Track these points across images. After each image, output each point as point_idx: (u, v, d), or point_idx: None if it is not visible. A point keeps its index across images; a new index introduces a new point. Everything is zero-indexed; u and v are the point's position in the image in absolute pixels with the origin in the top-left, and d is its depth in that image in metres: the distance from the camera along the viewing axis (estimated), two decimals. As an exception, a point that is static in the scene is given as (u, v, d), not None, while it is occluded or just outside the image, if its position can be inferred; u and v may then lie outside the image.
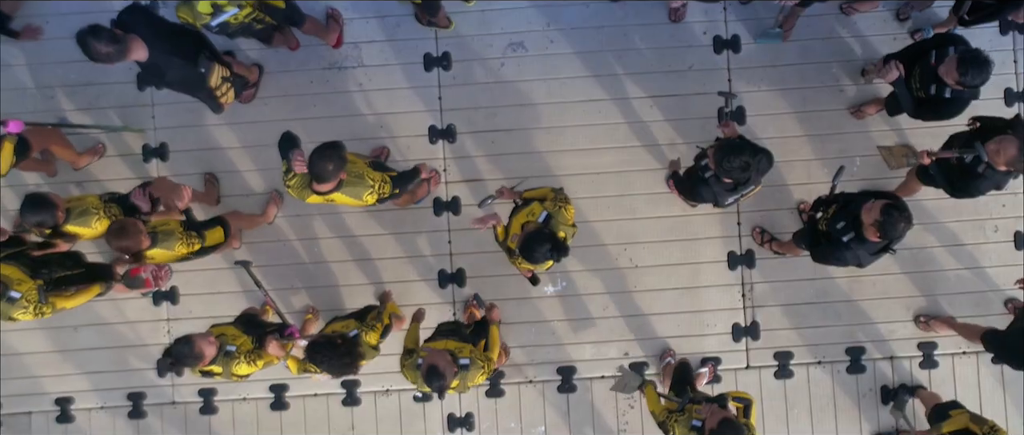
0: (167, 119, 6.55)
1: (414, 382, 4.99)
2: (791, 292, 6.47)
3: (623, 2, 6.45)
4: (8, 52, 6.47)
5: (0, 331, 6.40)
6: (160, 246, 5.20)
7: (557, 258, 4.77)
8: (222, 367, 5.05)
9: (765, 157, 4.91)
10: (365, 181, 4.99)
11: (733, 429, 4.52)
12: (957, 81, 4.82)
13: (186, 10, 5.01)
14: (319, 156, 4.68)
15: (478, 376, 4.92)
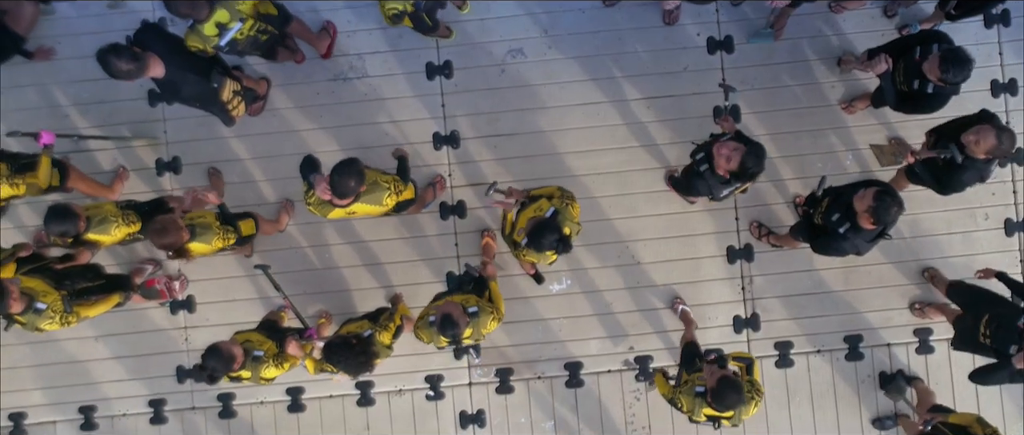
0: (179, 133, 6.75)
1: (430, 340, 5.24)
2: (789, 283, 6.66)
3: (618, 7, 6.64)
4: (23, 73, 6.66)
5: (25, 344, 6.62)
6: (198, 239, 5.39)
7: (561, 250, 5.01)
8: (251, 371, 5.27)
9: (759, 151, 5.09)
10: (380, 186, 5.20)
11: (731, 386, 4.73)
12: (939, 78, 5.02)
13: (195, 37, 5.20)
14: (340, 175, 4.87)
15: (490, 323, 5.20)
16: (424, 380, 6.69)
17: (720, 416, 4.96)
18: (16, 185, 5.38)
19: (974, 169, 5.12)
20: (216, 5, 5.09)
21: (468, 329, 5.09)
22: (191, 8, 5.02)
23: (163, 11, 6.65)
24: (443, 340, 5.12)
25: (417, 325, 5.31)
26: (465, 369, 6.69)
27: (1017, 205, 6.66)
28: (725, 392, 4.73)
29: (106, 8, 6.81)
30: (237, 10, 5.16)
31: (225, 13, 5.12)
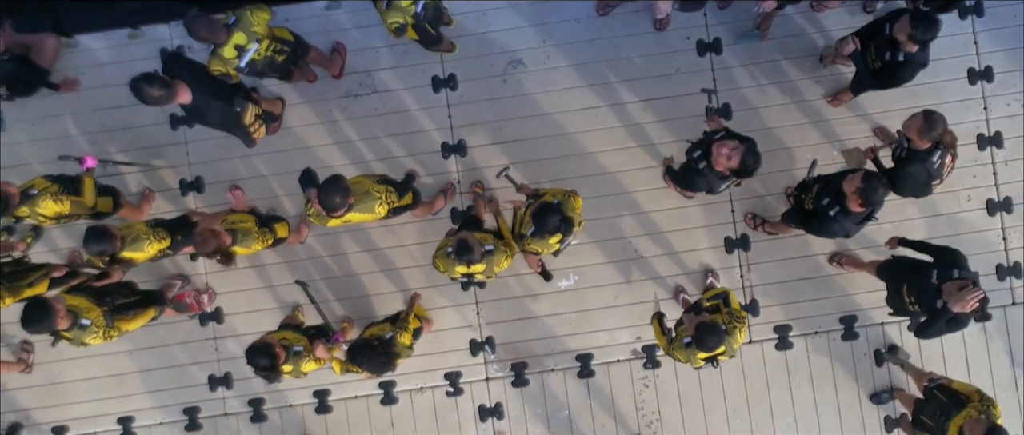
0: (200, 155, 7.11)
1: (445, 270, 5.61)
2: (785, 270, 7.01)
3: (611, 16, 7.00)
4: (51, 104, 7.02)
5: (63, 360, 6.98)
6: (241, 243, 5.76)
7: (565, 231, 5.42)
8: (292, 366, 5.64)
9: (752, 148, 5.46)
10: (372, 195, 5.55)
11: (709, 330, 5.16)
12: (908, 35, 5.36)
13: (218, 62, 5.57)
14: (325, 192, 5.24)
15: (503, 260, 5.57)
16: (443, 377, 7.04)
17: (714, 355, 5.34)
18: (61, 202, 5.74)
19: (918, 160, 5.48)
20: (233, 29, 5.45)
21: (482, 264, 5.48)
22: (211, 32, 5.39)
23: (181, 39, 7.06)
24: (458, 269, 5.49)
25: (435, 255, 5.67)
26: (482, 365, 7.05)
27: (997, 185, 7.00)
28: (705, 337, 5.15)
29: (126, 38, 7.17)
30: (253, 32, 5.53)
31: (242, 36, 5.49)
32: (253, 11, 5.55)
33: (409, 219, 6.92)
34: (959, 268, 5.34)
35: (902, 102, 6.76)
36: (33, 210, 5.67)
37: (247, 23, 5.51)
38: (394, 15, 5.66)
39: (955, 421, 5.38)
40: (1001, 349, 7.01)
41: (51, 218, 5.79)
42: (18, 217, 5.72)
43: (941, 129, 5.30)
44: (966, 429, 5.26)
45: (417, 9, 5.73)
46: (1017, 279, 6.99)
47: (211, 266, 7.05)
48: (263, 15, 5.60)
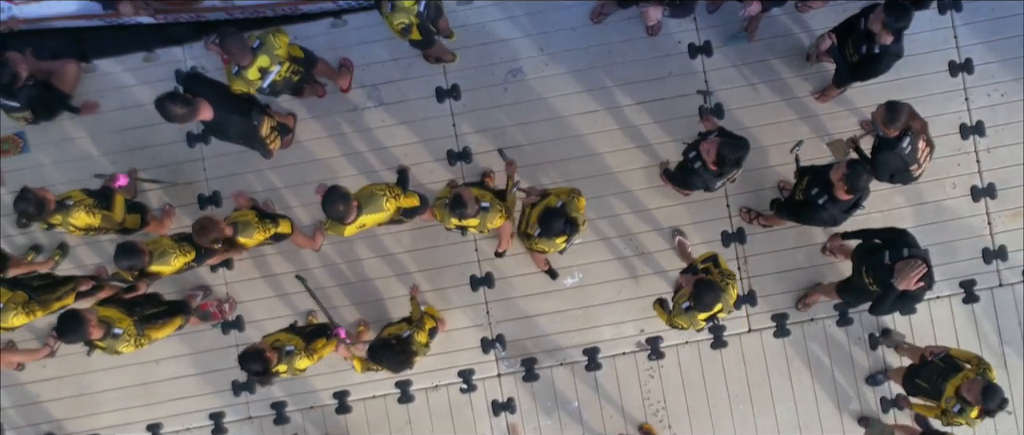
0: (217, 170, 7.43)
1: (442, 219, 5.93)
2: (781, 260, 7.31)
3: (605, 23, 7.31)
4: (73, 126, 7.35)
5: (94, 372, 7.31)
6: (242, 235, 6.07)
7: (570, 232, 5.72)
8: (286, 365, 5.90)
9: (743, 144, 5.78)
10: (376, 196, 5.83)
11: (706, 286, 5.47)
12: (883, 24, 5.69)
13: (241, 82, 5.89)
14: (329, 204, 5.51)
15: (497, 218, 5.88)
16: (457, 375, 7.35)
17: (713, 313, 5.64)
18: (93, 215, 6.06)
19: (888, 147, 5.81)
20: (258, 52, 5.77)
21: (475, 219, 5.79)
22: (240, 51, 5.70)
23: (194, 60, 7.40)
24: (452, 221, 5.80)
25: (434, 205, 6.01)
26: (493, 362, 7.36)
27: (980, 173, 7.30)
28: (702, 294, 5.45)
29: (142, 61, 7.49)
30: (275, 54, 5.85)
31: (266, 58, 5.82)
32: (275, 34, 5.88)
33: (419, 225, 7.23)
34: (909, 247, 5.64)
35: (888, 96, 6.87)
36: (65, 219, 5.97)
37: (270, 46, 5.83)
38: (399, 16, 5.95)
39: (952, 382, 5.69)
40: (990, 329, 7.30)
41: (80, 229, 6.08)
42: (50, 224, 6.00)
43: (904, 117, 5.61)
44: (963, 388, 5.56)
45: (420, 8, 6.02)
46: (1003, 261, 7.28)
47: (231, 276, 7.39)
48: (283, 38, 5.92)
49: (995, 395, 5.44)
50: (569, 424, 7.35)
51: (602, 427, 7.32)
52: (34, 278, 6.42)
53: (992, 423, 7.08)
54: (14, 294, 5.95)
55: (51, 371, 7.38)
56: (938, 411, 5.83)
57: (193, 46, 7.45)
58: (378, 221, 5.96)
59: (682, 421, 7.33)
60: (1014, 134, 7.28)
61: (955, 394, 5.66)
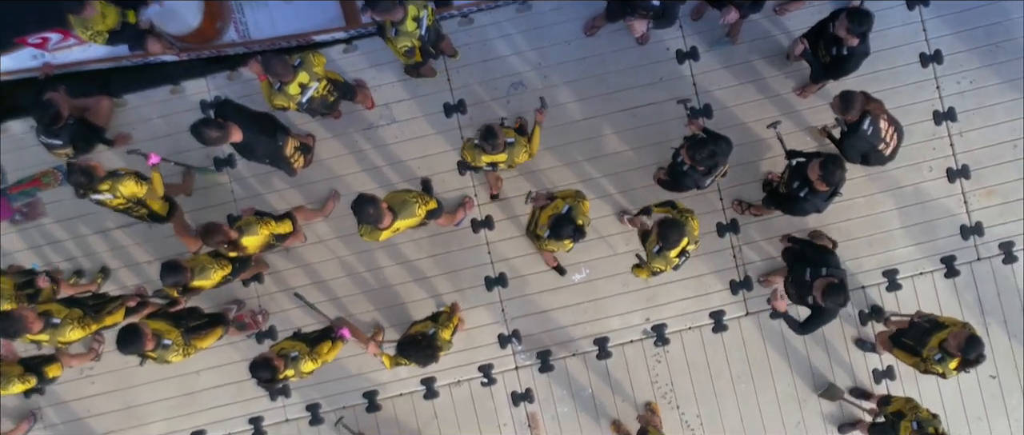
0: (243, 191, 7.97)
1: (472, 159, 6.51)
2: (773, 247, 7.81)
3: (598, 35, 7.85)
4: (108, 158, 7.87)
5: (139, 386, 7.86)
6: (246, 236, 6.57)
7: (576, 238, 6.26)
8: (293, 370, 6.41)
9: (725, 142, 6.34)
10: (409, 203, 6.36)
11: (670, 224, 6.06)
12: (847, 29, 6.26)
13: (282, 98, 6.43)
14: (360, 211, 6.03)
15: (522, 154, 6.47)
16: (478, 370, 7.89)
17: (683, 248, 6.21)
18: (141, 184, 6.62)
19: (853, 132, 6.38)
20: (299, 69, 6.33)
21: (503, 154, 6.39)
22: (284, 70, 6.26)
23: (218, 90, 7.96)
24: (483, 158, 6.38)
25: (464, 147, 6.57)
26: (510, 356, 7.89)
27: (954, 155, 7.82)
28: (668, 233, 6.03)
29: (169, 94, 8.04)
30: (314, 71, 6.41)
31: (306, 75, 6.39)
32: (314, 55, 6.46)
33: (434, 231, 7.79)
34: (828, 267, 6.23)
35: (865, 86, 7.40)
36: (114, 186, 6.48)
37: (309, 64, 6.40)
38: (403, 40, 6.50)
39: (937, 336, 6.23)
40: (971, 301, 7.83)
41: (125, 199, 6.56)
42: (98, 192, 6.48)
43: (858, 104, 6.19)
44: (949, 339, 6.10)
45: (421, 32, 6.58)
46: (980, 237, 7.80)
47: (262, 290, 7.93)
48: (321, 59, 6.50)
49: (976, 346, 5.97)
50: (584, 410, 7.88)
51: (615, 411, 7.86)
52: (87, 297, 6.96)
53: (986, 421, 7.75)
54: (70, 311, 6.49)
55: (99, 387, 7.93)
56: (918, 360, 6.34)
57: (215, 76, 8.00)
58: (410, 225, 6.47)
59: (689, 401, 7.86)
60: (983, 118, 7.81)
61: (939, 346, 6.18)
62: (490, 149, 6.29)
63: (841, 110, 6.22)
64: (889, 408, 6.70)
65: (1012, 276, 7.81)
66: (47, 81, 7.86)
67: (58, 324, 6.34)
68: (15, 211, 7.97)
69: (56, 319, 6.35)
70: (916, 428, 6.28)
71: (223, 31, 8.08)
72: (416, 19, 6.45)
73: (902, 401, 6.71)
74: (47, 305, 6.54)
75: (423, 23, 6.54)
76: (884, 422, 6.69)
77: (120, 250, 7.98)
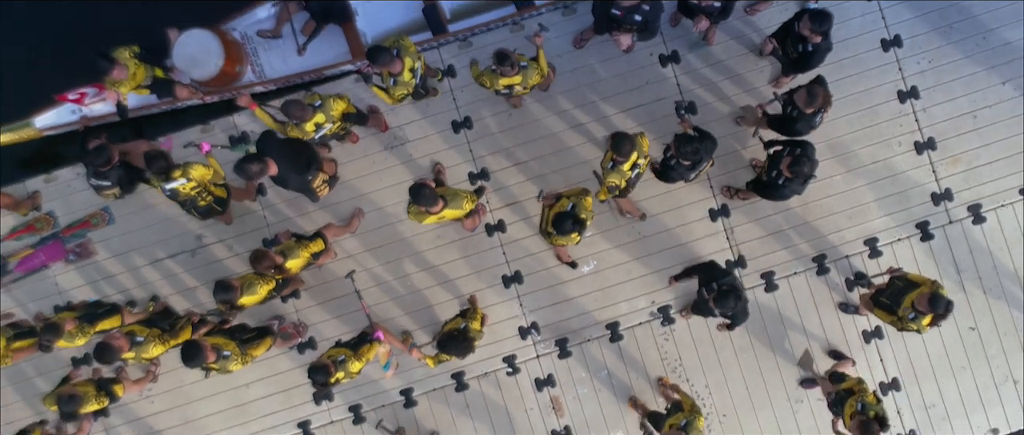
0: (276, 216, 8.72)
1: (491, 84, 7.24)
2: (762, 227, 8.57)
3: (586, 48, 8.59)
4: (150, 196, 8.63)
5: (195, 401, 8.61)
6: (290, 258, 7.32)
7: (580, 231, 7.00)
8: (343, 372, 7.14)
9: (709, 140, 7.09)
10: (460, 196, 7.08)
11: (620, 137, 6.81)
12: (811, 29, 6.99)
13: (298, 131, 7.17)
14: (417, 193, 6.77)
15: (535, 75, 7.16)
16: (502, 361, 8.64)
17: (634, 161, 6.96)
18: (207, 168, 7.33)
19: (804, 120, 7.10)
20: (317, 111, 7.07)
21: (518, 76, 7.08)
22: (301, 114, 7.00)
23: (244, 125, 8.70)
24: (501, 82, 7.05)
25: (482, 75, 7.26)
26: (531, 346, 8.63)
27: (920, 129, 8.56)
28: (620, 144, 6.77)
29: (200, 133, 8.79)
30: (330, 115, 7.15)
31: (322, 116, 7.13)
32: (335, 100, 7.20)
33: (453, 238, 8.54)
34: (717, 280, 6.99)
35: (833, 75, 8.29)
36: (186, 170, 7.21)
37: (328, 108, 7.14)
38: (400, 89, 7.27)
39: (910, 296, 6.94)
40: (946, 261, 8.56)
41: (195, 184, 7.26)
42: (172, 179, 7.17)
43: (820, 100, 6.90)
44: (916, 300, 6.82)
45: (416, 80, 7.36)
46: (950, 202, 8.53)
47: (300, 305, 8.66)
48: (340, 105, 7.23)
49: (940, 302, 6.69)
50: (602, 389, 8.62)
51: (631, 388, 8.60)
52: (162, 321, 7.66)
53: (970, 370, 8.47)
54: (151, 330, 7.25)
55: (159, 405, 8.68)
56: (895, 319, 7.07)
57: (243, 113, 8.75)
58: (455, 216, 7.22)
59: (697, 373, 8.60)
60: (944, 93, 8.54)
61: (911, 305, 6.90)
62: (509, 70, 6.98)
63: (806, 103, 6.91)
64: (841, 385, 7.43)
65: (982, 235, 8.54)
66: (88, 131, 8.60)
67: (142, 342, 7.11)
68: (69, 252, 8.71)
69: (140, 338, 7.11)
70: (859, 409, 6.99)
71: (242, 73, 8.82)
72: (412, 70, 7.21)
73: (854, 381, 7.42)
74: (131, 326, 7.33)
75: (417, 73, 7.32)
76: (835, 397, 7.44)
77: (169, 278, 8.73)
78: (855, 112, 8.52)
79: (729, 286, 6.85)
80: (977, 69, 8.54)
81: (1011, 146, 8.50)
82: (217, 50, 8.41)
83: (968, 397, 8.58)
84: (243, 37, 8.79)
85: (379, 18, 8.68)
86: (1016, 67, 8.49)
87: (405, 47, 7.12)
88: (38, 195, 8.75)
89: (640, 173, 7.14)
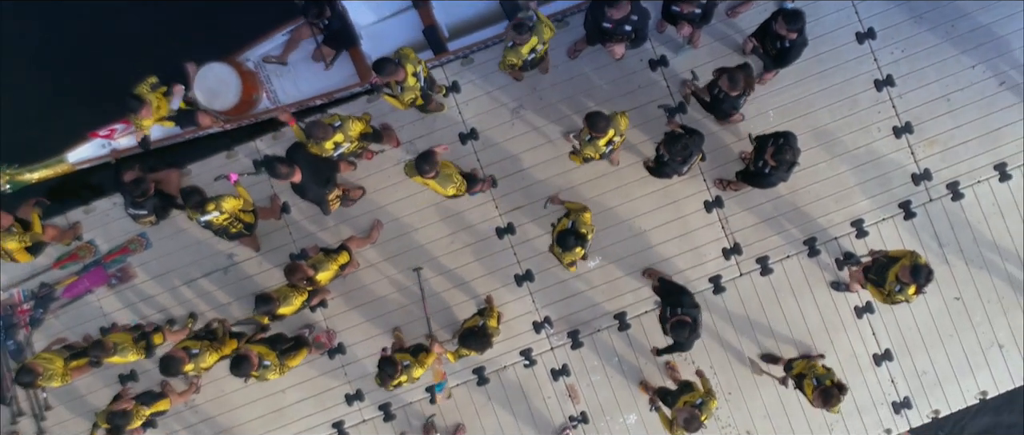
0: (299, 232, 9.34)
1: (518, 60, 7.82)
2: (755, 214, 9.15)
3: (579, 59, 9.18)
4: (182, 220, 9.23)
5: (236, 408, 9.23)
6: (320, 271, 7.95)
7: (583, 245, 7.65)
8: (406, 376, 7.78)
9: (698, 136, 7.68)
10: (452, 179, 7.76)
11: (596, 115, 7.44)
12: (786, 28, 7.60)
13: (318, 149, 7.79)
14: (422, 160, 7.48)
15: (547, 31, 7.78)
16: (519, 354, 9.24)
17: (609, 138, 7.58)
18: (238, 198, 7.96)
19: (729, 102, 7.76)
20: (337, 131, 7.69)
21: (534, 37, 7.69)
22: (323, 135, 7.62)
23: (268, 149, 9.31)
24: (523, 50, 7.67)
25: (504, 57, 7.86)
26: (545, 339, 9.24)
27: (898, 115, 9.13)
28: (595, 121, 7.43)
29: (225, 158, 9.41)
30: (349, 135, 7.78)
31: (341, 136, 7.75)
32: (354, 121, 7.83)
33: (466, 243, 9.17)
34: (681, 307, 7.57)
35: (812, 69, 8.99)
36: (218, 203, 7.84)
37: (347, 129, 7.76)
38: (408, 94, 7.88)
39: (893, 270, 7.51)
40: (929, 237, 9.13)
41: (227, 212, 7.90)
42: (206, 212, 7.82)
43: (741, 84, 7.50)
44: (900, 271, 7.39)
45: (421, 83, 7.97)
46: (929, 181, 9.10)
47: (327, 313, 9.28)
48: (359, 126, 7.86)
49: (920, 272, 7.26)
50: (614, 375, 9.23)
51: (640, 372, 9.20)
52: (204, 332, 8.30)
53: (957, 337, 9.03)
54: (202, 342, 7.89)
55: (203, 413, 9.31)
56: (884, 293, 7.64)
57: (263, 138, 9.37)
58: (436, 190, 7.89)
59: (702, 355, 9.18)
60: (917, 79, 9.11)
61: (895, 278, 7.48)
62: (527, 34, 7.62)
63: (730, 87, 7.55)
64: (793, 371, 8.03)
65: (961, 210, 9.11)
66: (120, 163, 9.25)
67: (197, 354, 7.73)
68: (111, 276, 9.34)
69: (195, 350, 7.74)
70: (816, 384, 7.61)
71: (259, 101, 9.44)
72: (415, 74, 7.83)
73: (802, 364, 8.05)
74: (185, 342, 7.98)
75: (420, 76, 7.93)
76: (795, 384, 8.04)
77: (204, 296, 9.36)
78: (836, 102, 9.09)
79: (687, 319, 7.46)
80: (948, 55, 9.09)
81: (983, 125, 9.06)
82: (235, 81, 9.04)
83: (957, 363, 9.16)
84: (256, 66, 9.41)
85: (382, 41, 9.26)
86: (984, 51, 9.05)
87: (405, 55, 7.75)
88: (79, 225, 9.38)
89: (614, 149, 7.87)
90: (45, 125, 9.93)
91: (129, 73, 8.56)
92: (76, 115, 9.59)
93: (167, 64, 8.96)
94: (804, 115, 9.07)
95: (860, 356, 9.15)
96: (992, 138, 9.07)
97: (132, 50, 9.75)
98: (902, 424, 9.23)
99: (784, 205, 9.14)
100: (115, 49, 9.88)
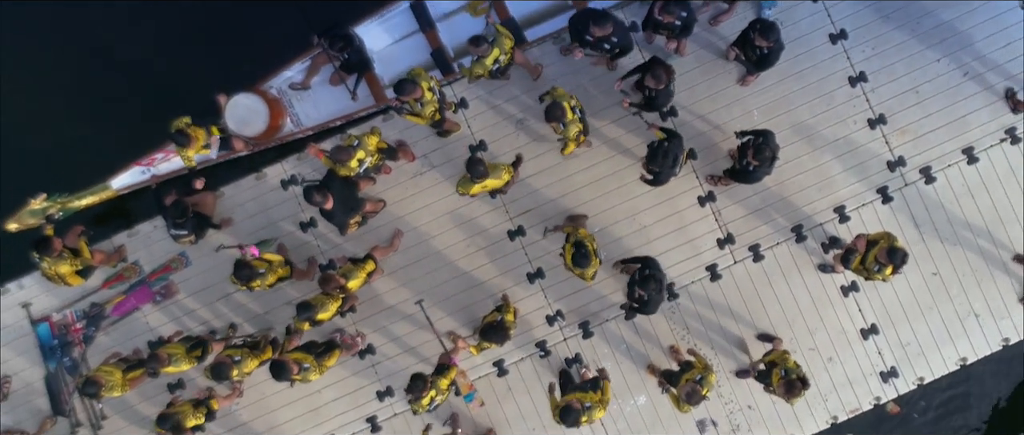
0: (325, 244, 10.12)
1: (483, 70, 8.74)
2: (745, 206, 9.92)
3: (576, 69, 9.93)
4: (218, 238, 10.02)
5: (275, 410, 9.99)
6: (350, 279, 8.76)
7: (596, 256, 8.48)
8: (434, 391, 8.49)
9: (677, 139, 8.49)
10: (499, 167, 8.59)
11: (553, 104, 8.36)
12: (764, 41, 8.41)
13: (345, 169, 8.57)
14: (471, 167, 8.30)
15: (505, 40, 8.63)
16: (535, 346, 10.01)
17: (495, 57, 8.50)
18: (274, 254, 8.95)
19: (663, 95, 8.60)
20: (357, 149, 8.46)
21: (495, 49, 8.48)
22: (346, 157, 8.41)
23: (293, 169, 10.09)
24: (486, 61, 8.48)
25: (469, 69, 8.72)
26: (558, 330, 10.01)
27: (871, 108, 9.90)
28: (552, 110, 8.38)
29: (254, 180, 10.19)
30: (369, 150, 8.57)
31: (362, 153, 8.54)
32: (368, 136, 8.62)
33: (480, 246, 9.92)
34: (650, 268, 8.47)
35: (791, 70, 9.76)
36: (263, 281, 8.76)
37: (365, 144, 8.55)
38: (428, 108, 8.65)
39: (873, 252, 8.28)
40: (906, 218, 9.90)
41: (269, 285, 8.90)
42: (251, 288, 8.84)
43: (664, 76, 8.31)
44: (878, 255, 8.14)
45: (437, 96, 8.75)
46: (903, 167, 9.87)
47: (355, 318, 10.04)
48: (374, 139, 8.66)
49: (896, 254, 8.04)
50: (623, 361, 10.00)
51: (647, 356, 9.97)
52: (241, 344, 9.08)
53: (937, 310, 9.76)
54: (242, 350, 8.67)
55: (245, 416, 10.08)
56: (864, 271, 8.40)
57: (289, 159, 10.15)
58: (495, 186, 8.73)
59: (703, 339, 9.96)
60: (888, 75, 9.89)
61: (875, 259, 8.25)
62: (486, 47, 8.53)
63: (656, 83, 8.36)
64: (767, 358, 8.79)
65: (934, 193, 9.89)
66: (160, 187, 10.03)
67: (239, 360, 8.51)
68: (155, 294, 10.12)
69: (237, 357, 8.52)
70: (784, 376, 8.38)
71: (284, 125, 10.22)
72: (431, 89, 8.61)
73: (778, 353, 8.79)
74: (229, 350, 8.78)
75: (436, 90, 8.72)
76: (763, 370, 8.81)
77: (240, 308, 10.13)
78: (814, 99, 9.88)
79: (655, 273, 8.33)
80: (914, 50, 9.88)
81: (950, 113, 9.85)
82: (263, 110, 9.83)
83: (938, 333, 9.93)
84: (280, 92, 10.20)
85: (393, 64, 10.11)
86: (948, 45, 9.84)
87: (419, 74, 8.58)
88: (124, 248, 10.16)
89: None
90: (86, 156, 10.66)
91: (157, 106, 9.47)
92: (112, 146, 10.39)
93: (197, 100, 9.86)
94: (785, 112, 9.85)
95: (848, 331, 9.90)
96: (959, 125, 9.84)
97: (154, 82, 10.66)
98: (890, 392, 9.99)
99: (771, 196, 9.91)
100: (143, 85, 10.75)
